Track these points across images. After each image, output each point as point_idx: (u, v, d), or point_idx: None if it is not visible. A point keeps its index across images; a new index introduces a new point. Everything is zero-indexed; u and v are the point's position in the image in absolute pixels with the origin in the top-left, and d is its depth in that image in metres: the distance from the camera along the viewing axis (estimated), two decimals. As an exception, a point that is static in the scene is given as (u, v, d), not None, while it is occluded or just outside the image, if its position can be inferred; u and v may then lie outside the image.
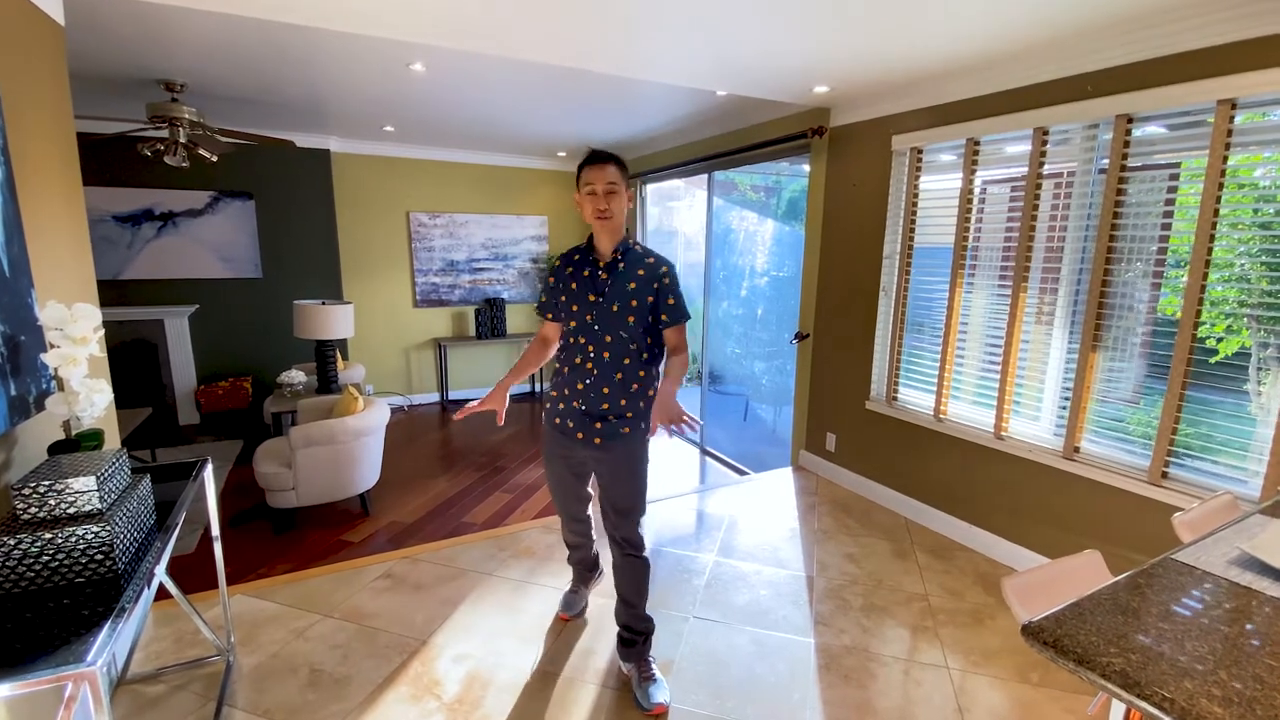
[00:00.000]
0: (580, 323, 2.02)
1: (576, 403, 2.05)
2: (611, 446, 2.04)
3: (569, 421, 2.07)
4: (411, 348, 6.24)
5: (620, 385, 2.01)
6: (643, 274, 2.00)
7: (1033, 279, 2.79)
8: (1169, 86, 2.21)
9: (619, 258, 2.00)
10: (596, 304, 1.99)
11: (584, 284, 2.02)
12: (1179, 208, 2.39)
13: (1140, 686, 0.78)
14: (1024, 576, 1.41)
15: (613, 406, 2.02)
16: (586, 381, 2.02)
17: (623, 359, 2.01)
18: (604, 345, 2.00)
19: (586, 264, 2.03)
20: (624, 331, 1.99)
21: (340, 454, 3.57)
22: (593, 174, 1.94)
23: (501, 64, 3.21)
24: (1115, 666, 0.81)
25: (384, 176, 5.76)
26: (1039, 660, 2.24)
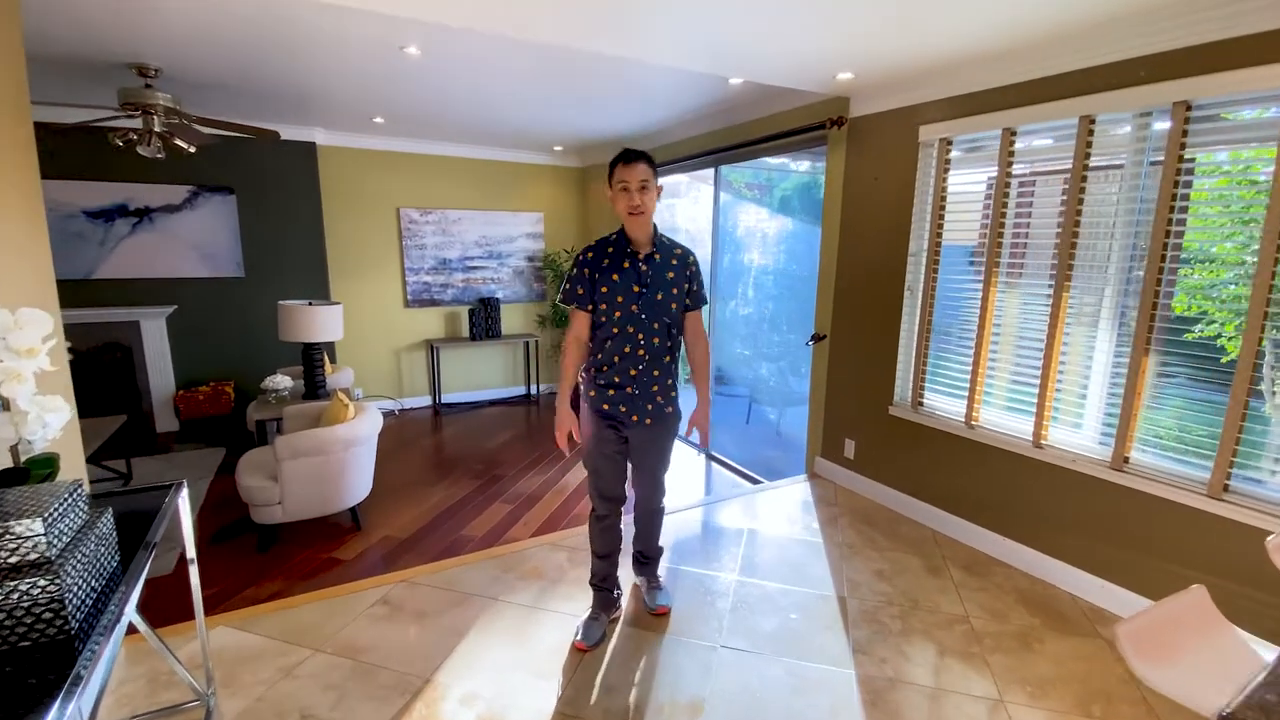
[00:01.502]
0: (626, 313, 2.15)
1: (630, 389, 2.20)
2: (659, 425, 2.27)
3: (621, 406, 2.21)
4: (402, 349, 5.99)
5: (666, 368, 2.25)
6: (676, 263, 2.22)
7: (1076, 278, 2.62)
8: (1236, 71, 2.04)
9: (655, 250, 2.18)
10: (642, 294, 2.15)
11: (626, 275, 2.14)
12: (1241, 205, 2.22)
13: None
14: (1136, 622, 1.23)
15: (661, 388, 2.25)
16: (640, 367, 2.19)
17: (666, 344, 2.23)
18: (653, 332, 2.18)
19: (625, 256, 2.17)
20: (667, 318, 2.20)
21: (329, 465, 3.34)
22: (626, 172, 2.09)
23: (499, 48, 2.98)
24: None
25: (373, 171, 5.50)
26: (1100, 690, 2.07)
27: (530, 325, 6.54)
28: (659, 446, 2.32)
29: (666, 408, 2.27)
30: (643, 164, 2.09)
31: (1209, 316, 2.44)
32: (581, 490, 4.11)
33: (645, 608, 2.52)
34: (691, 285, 2.25)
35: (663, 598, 2.52)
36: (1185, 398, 2.42)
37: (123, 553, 1.40)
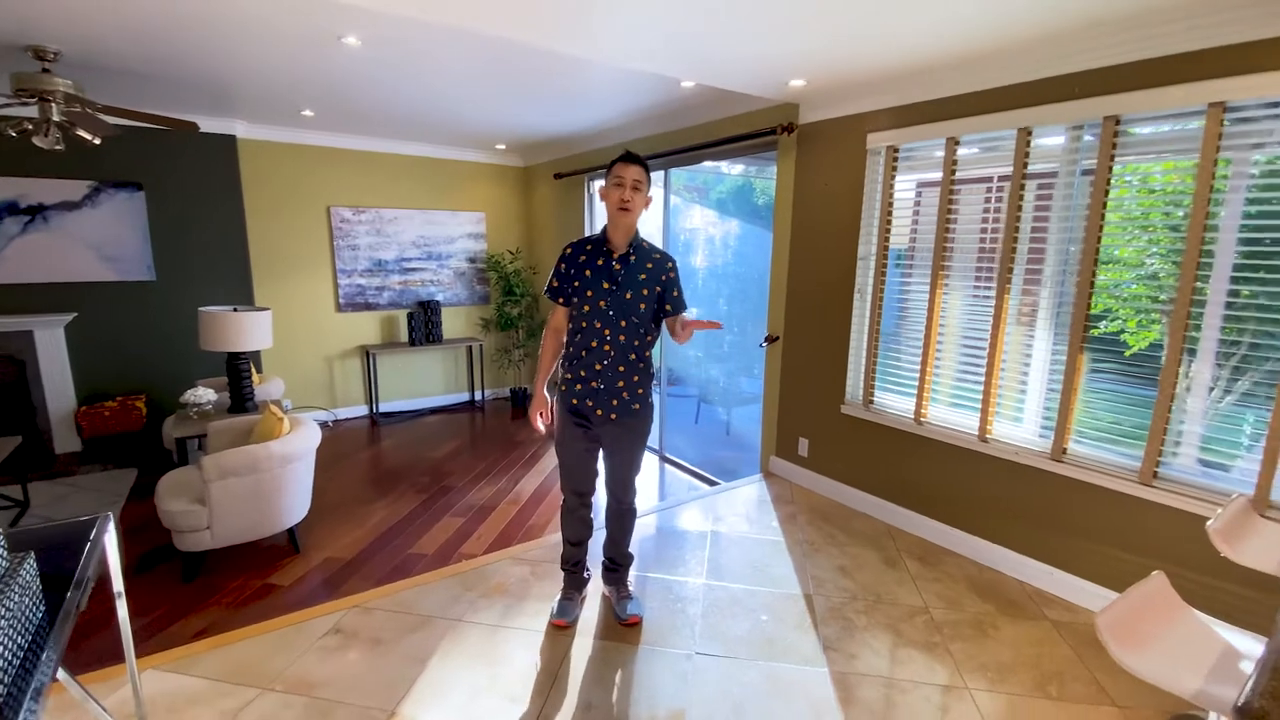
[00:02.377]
0: (595, 309, 2.21)
1: (595, 383, 2.25)
2: (627, 422, 2.30)
3: (588, 401, 2.27)
4: (335, 356, 5.66)
5: (632, 365, 2.27)
6: (651, 266, 2.26)
7: (1015, 280, 2.77)
8: (1160, 89, 2.20)
9: (630, 251, 2.23)
10: (611, 292, 2.20)
11: (599, 272, 2.21)
12: (1172, 209, 2.41)
13: None
14: (1110, 612, 1.29)
15: (627, 385, 2.27)
16: (605, 362, 2.24)
17: (634, 342, 2.26)
18: (619, 330, 2.22)
19: (600, 254, 2.23)
20: (635, 317, 2.23)
21: (264, 485, 3.09)
22: (623, 169, 2.17)
23: (444, 41, 2.86)
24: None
25: (300, 166, 5.16)
26: (1053, 671, 2.19)
27: (473, 329, 6.33)
28: (627, 444, 2.35)
29: (634, 405, 2.29)
30: (640, 167, 2.18)
31: (1113, 314, 2.64)
32: (537, 500, 4.01)
33: (616, 618, 2.47)
34: (670, 290, 2.30)
35: (633, 607, 2.49)
36: (1114, 391, 2.61)
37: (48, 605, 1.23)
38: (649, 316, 2.27)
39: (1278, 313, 2.14)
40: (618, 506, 2.48)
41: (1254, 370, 2.31)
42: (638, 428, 2.35)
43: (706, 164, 5.05)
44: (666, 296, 2.28)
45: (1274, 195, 2.12)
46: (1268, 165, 2.15)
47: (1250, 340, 2.25)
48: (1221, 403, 2.44)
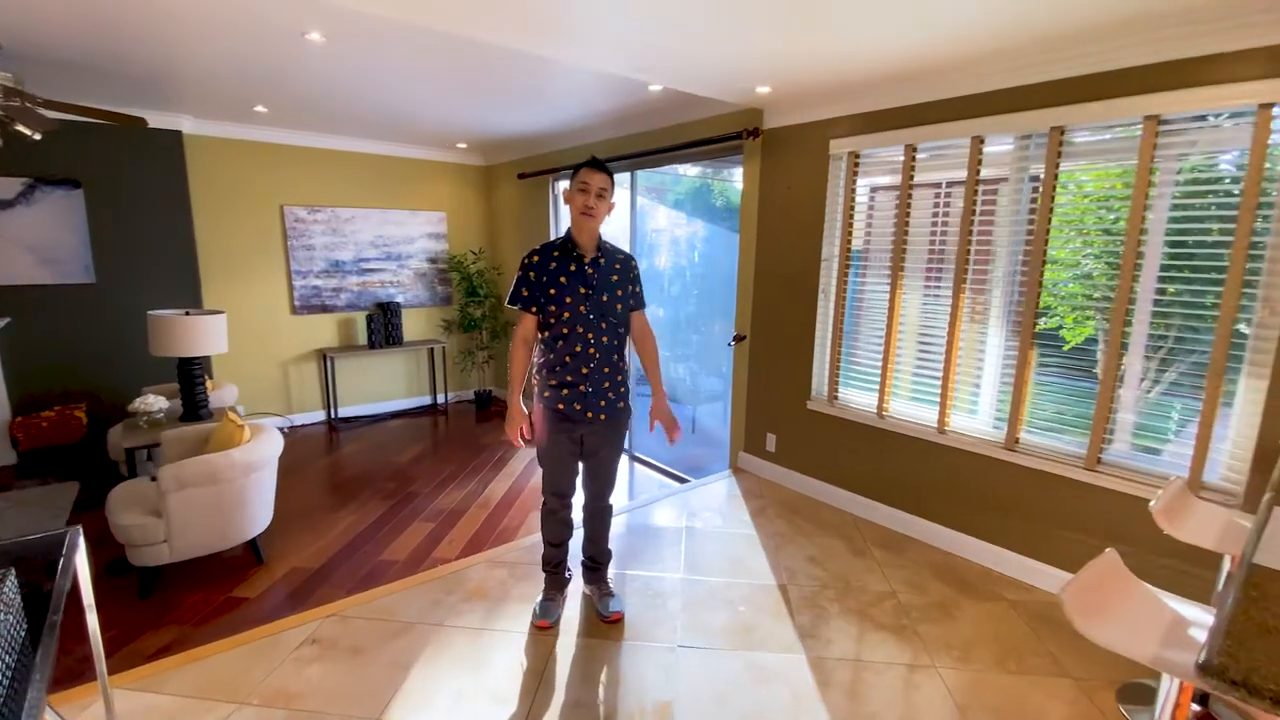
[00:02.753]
0: (574, 314, 2.24)
1: (583, 386, 2.28)
2: (614, 421, 2.36)
3: (575, 405, 2.28)
4: (290, 361, 5.48)
5: (615, 365, 2.34)
6: (619, 266, 2.34)
7: (970, 280, 2.93)
8: (1102, 102, 2.38)
9: (600, 254, 2.29)
10: (589, 296, 2.25)
11: (574, 278, 2.24)
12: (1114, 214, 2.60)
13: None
14: (1071, 587, 1.40)
15: (612, 385, 2.33)
16: (591, 365, 2.27)
17: (615, 342, 2.33)
18: (601, 332, 2.27)
19: (570, 259, 2.25)
20: (614, 318, 2.31)
21: (226, 495, 2.99)
22: (588, 175, 2.20)
23: (411, 39, 2.81)
24: (1324, 706, 0.77)
25: (252, 164, 4.97)
26: (1011, 647, 2.34)
27: (435, 331, 6.22)
28: (610, 442, 2.41)
29: (619, 403, 2.37)
30: (605, 174, 2.22)
31: (1052, 310, 2.84)
32: (507, 503, 3.99)
33: (598, 616, 2.50)
34: (634, 287, 2.40)
35: (615, 604, 2.53)
36: (1058, 383, 2.79)
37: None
38: (624, 315, 2.36)
39: (1200, 309, 2.33)
40: (596, 505, 2.53)
41: (1180, 362, 2.52)
42: (622, 425, 2.42)
43: (664, 165, 5.12)
44: (631, 294, 2.37)
45: (1195, 201, 2.32)
46: (1190, 173, 2.36)
47: (1176, 335, 2.45)
48: (1151, 393, 2.65)
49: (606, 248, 2.33)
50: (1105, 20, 2.13)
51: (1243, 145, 2.15)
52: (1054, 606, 2.61)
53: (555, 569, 2.55)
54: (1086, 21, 2.15)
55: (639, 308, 2.43)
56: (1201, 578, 2.30)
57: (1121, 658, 2.25)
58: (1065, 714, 2.01)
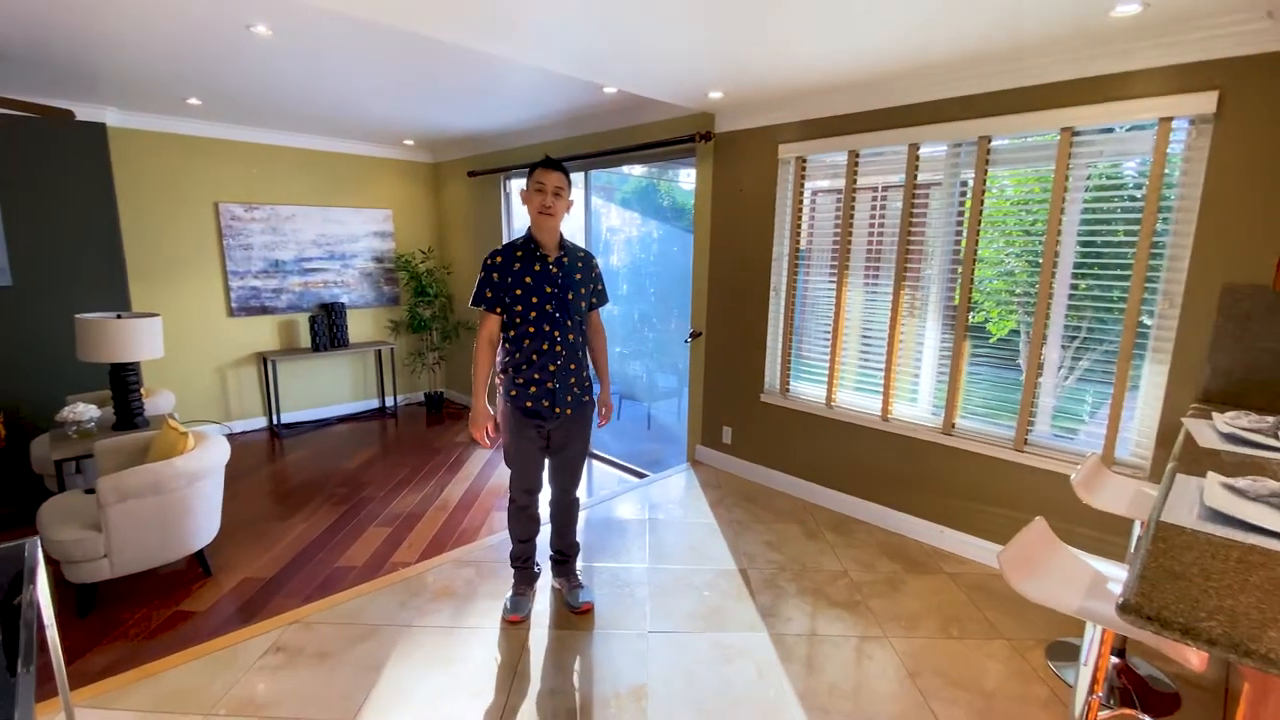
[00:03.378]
0: (541, 312, 2.28)
1: (550, 383, 2.33)
2: (580, 415, 2.44)
3: (544, 401, 2.33)
4: (228, 365, 5.24)
5: (580, 362, 2.41)
6: (582, 265, 2.40)
7: (910, 277, 3.13)
8: (1024, 114, 2.61)
9: (563, 253, 2.33)
10: (555, 295, 2.29)
11: (539, 278, 2.28)
12: (1032, 216, 2.85)
13: (1244, 645, 0.89)
14: (1007, 552, 1.56)
15: (578, 380, 2.40)
16: (558, 363, 2.33)
17: (580, 339, 2.40)
18: (566, 330, 2.33)
19: (534, 259, 2.29)
20: (578, 315, 2.37)
21: (171, 506, 2.87)
22: (544, 175, 2.24)
23: (359, 34, 2.77)
24: (1217, 632, 0.92)
25: (184, 159, 4.73)
26: (953, 616, 2.54)
27: (382, 332, 6.08)
28: (580, 435, 2.47)
29: (584, 397, 2.44)
30: (560, 173, 2.26)
31: (979, 305, 3.09)
32: (466, 504, 3.97)
33: (568, 607, 2.56)
34: (597, 285, 2.48)
35: (584, 595, 2.59)
36: (987, 373, 3.04)
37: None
38: (586, 312, 2.44)
39: (1108, 302, 2.60)
40: (565, 499, 2.58)
41: (1092, 352, 2.79)
42: (588, 418, 2.49)
43: (618, 166, 5.19)
44: (593, 291, 2.45)
45: (1104, 204, 2.58)
46: (1099, 179, 2.62)
47: (1088, 326, 2.71)
48: (1068, 380, 2.92)
49: (568, 246, 2.38)
50: (1021, 43, 2.35)
51: (1145, 154, 2.41)
52: (990, 577, 2.85)
53: (524, 564, 2.59)
54: (1004, 43, 2.36)
55: (600, 305, 2.51)
56: (1115, 542, 2.57)
57: (1049, 620, 2.49)
58: (1002, 672, 2.21)
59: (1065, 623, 2.48)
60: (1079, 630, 2.41)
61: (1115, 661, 2.20)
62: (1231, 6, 2.00)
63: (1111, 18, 2.11)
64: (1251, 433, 1.82)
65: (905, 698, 2.08)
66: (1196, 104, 2.22)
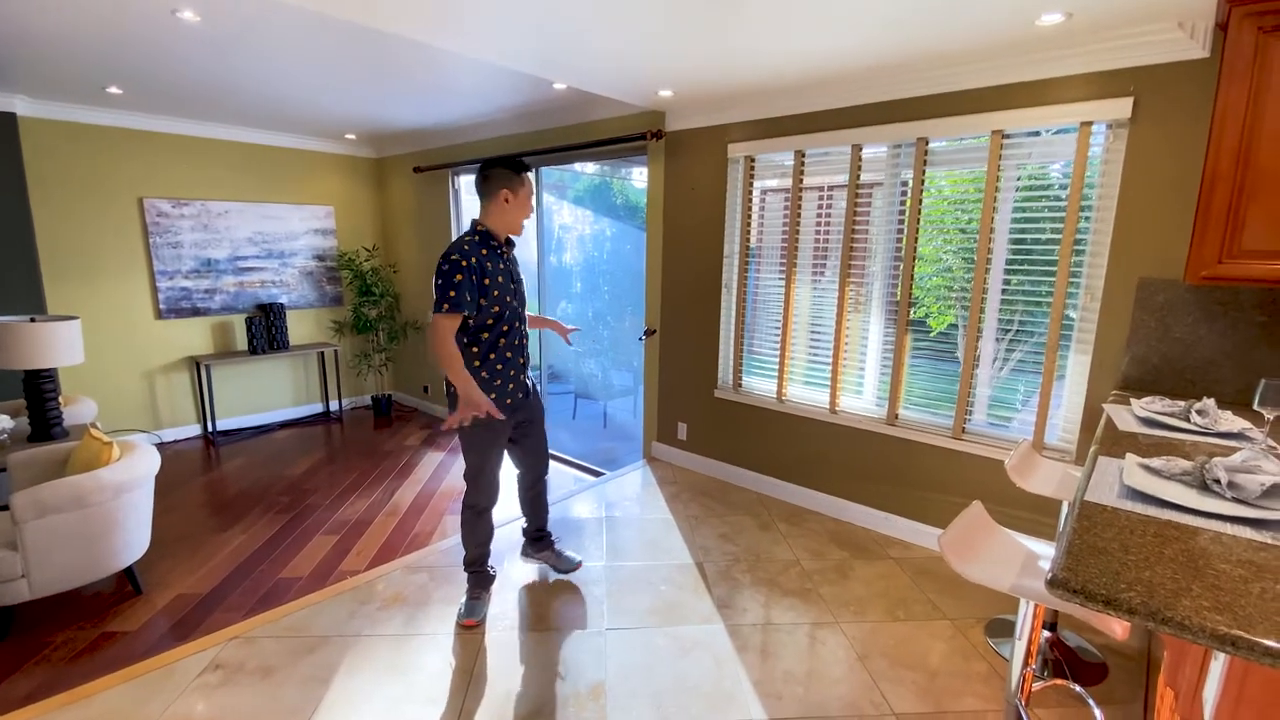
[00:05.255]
0: (506, 307, 2.33)
1: (523, 375, 2.46)
2: (537, 397, 2.58)
3: (520, 392, 2.45)
4: (157, 370, 4.96)
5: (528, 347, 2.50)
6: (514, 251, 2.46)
7: (855, 274, 3.23)
8: (957, 117, 2.73)
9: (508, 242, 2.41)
10: (513, 287, 2.37)
11: (504, 273, 2.33)
12: (967, 214, 2.98)
13: (1161, 613, 0.96)
14: (948, 535, 1.63)
15: (527, 361, 2.50)
16: (525, 354, 2.46)
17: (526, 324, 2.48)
18: (521, 319, 2.42)
19: (498, 255, 2.32)
20: (523, 300, 2.44)
21: (95, 520, 2.70)
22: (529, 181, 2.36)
23: (295, 23, 2.67)
24: (1136, 601, 0.99)
25: (104, 152, 4.44)
26: (899, 599, 2.64)
27: (325, 333, 5.86)
28: (540, 415, 2.61)
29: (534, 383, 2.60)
30: None
31: (919, 301, 3.22)
32: (417, 509, 3.87)
33: (562, 572, 2.77)
34: None
35: (574, 556, 2.81)
36: (928, 365, 3.17)
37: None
38: None
39: (1037, 297, 2.74)
40: (537, 480, 2.71)
41: (1023, 344, 2.94)
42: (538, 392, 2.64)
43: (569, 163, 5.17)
44: None
45: (1031, 204, 2.73)
46: (1028, 180, 2.76)
47: (1020, 320, 2.85)
48: (1002, 371, 3.07)
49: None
50: (955, 49, 2.46)
51: (1068, 156, 2.56)
52: (933, 560, 2.97)
53: (480, 568, 2.56)
54: (940, 49, 2.47)
55: None
56: (1047, 523, 2.72)
57: (987, 599, 2.62)
58: (945, 650, 2.31)
59: (1002, 601, 2.62)
60: (1015, 608, 2.55)
61: (1047, 635, 2.34)
62: (1146, 17, 2.15)
63: (1037, 26, 2.23)
64: (1165, 416, 1.96)
65: (855, 680, 2.15)
66: (1113, 109, 2.37)
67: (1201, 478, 1.38)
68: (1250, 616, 0.94)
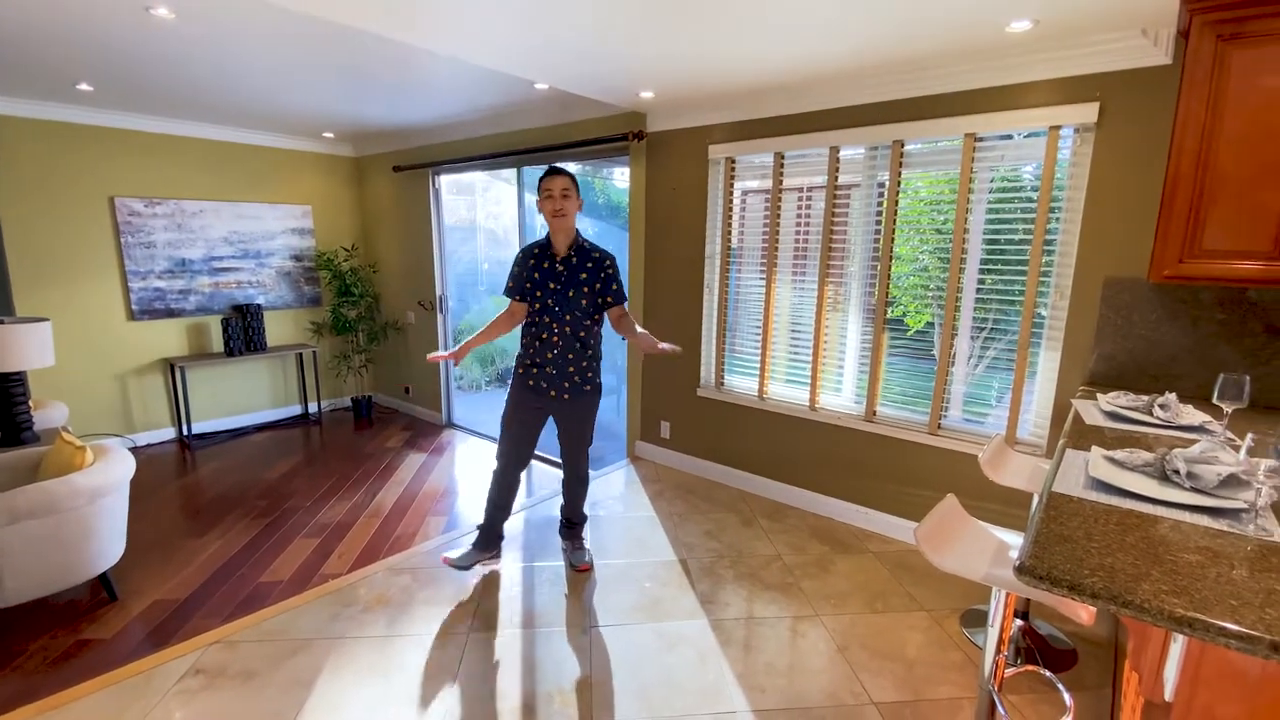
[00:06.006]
0: (544, 306, 2.59)
1: (549, 369, 2.63)
2: (577, 401, 2.69)
3: (542, 383, 2.65)
4: (130, 373, 4.86)
5: (579, 353, 2.63)
6: (591, 265, 2.60)
7: (834, 274, 3.29)
8: (932, 120, 2.79)
9: (572, 253, 2.59)
10: (556, 291, 2.57)
11: (545, 274, 2.59)
12: (941, 215, 3.04)
13: (1122, 597, 1.00)
14: (923, 527, 1.68)
15: (576, 369, 2.64)
16: (554, 352, 2.61)
17: (579, 333, 2.62)
18: (564, 323, 2.59)
19: (546, 258, 2.60)
20: (579, 311, 2.59)
21: (70, 526, 2.65)
22: (550, 182, 2.54)
23: (273, 20, 2.64)
24: (1098, 586, 1.03)
25: (73, 150, 4.34)
26: (877, 592, 2.70)
27: (303, 334, 5.79)
28: (578, 418, 2.74)
29: (585, 386, 2.68)
30: (564, 177, 2.56)
31: (897, 300, 3.29)
32: (400, 510, 3.85)
33: (571, 566, 2.87)
34: (610, 285, 2.61)
35: (584, 556, 2.89)
36: (905, 363, 3.23)
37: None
38: (591, 310, 2.62)
39: (1010, 296, 2.82)
40: (573, 474, 2.91)
41: (997, 342, 3.02)
42: (587, 404, 2.73)
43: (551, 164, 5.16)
44: (606, 290, 2.60)
45: (1005, 205, 2.80)
46: (1001, 182, 2.83)
47: (994, 318, 2.93)
48: (977, 369, 3.15)
49: (582, 246, 2.61)
50: (929, 53, 2.52)
51: (1038, 159, 2.63)
52: (910, 553, 3.03)
53: (493, 528, 2.85)
54: (914, 53, 2.52)
55: (617, 303, 2.62)
56: (1018, 514, 2.79)
57: (963, 590, 2.69)
58: (921, 641, 2.37)
59: (977, 592, 2.69)
60: (989, 598, 2.61)
61: (1019, 624, 2.40)
62: (1111, 25, 2.22)
63: (1006, 33, 2.29)
64: (1130, 410, 2.03)
65: (835, 671, 2.19)
66: (1080, 114, 2.45)
67: (1162, 469, 1.44)
68: (1206, 600, 0.99)
